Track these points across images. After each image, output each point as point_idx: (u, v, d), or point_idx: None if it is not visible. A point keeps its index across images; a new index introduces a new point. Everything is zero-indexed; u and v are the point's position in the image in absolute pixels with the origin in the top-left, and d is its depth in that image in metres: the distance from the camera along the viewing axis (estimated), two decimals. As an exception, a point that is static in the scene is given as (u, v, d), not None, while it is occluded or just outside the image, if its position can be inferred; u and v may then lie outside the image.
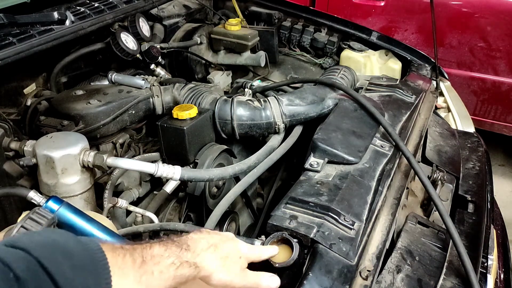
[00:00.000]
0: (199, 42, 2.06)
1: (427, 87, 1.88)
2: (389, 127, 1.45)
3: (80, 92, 1.52)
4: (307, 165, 1.36)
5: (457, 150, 1.72)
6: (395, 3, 3.29)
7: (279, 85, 1.87)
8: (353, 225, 1.15)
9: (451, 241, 1.26)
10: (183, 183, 1.43)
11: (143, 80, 1.62)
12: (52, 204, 0.92)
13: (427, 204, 1.49)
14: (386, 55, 2.12)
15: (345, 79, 1.86)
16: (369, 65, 2.10)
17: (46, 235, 0.69)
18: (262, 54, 2.04)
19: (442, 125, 1.86)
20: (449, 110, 2.01)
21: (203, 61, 2.08)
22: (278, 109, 1.54)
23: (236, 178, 1.51)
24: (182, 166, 1.30)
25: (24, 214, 0.86)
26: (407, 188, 1.40)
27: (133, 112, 1.52)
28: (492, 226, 1.42)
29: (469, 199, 1.56)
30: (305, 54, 2.23)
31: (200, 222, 1.45)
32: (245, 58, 2.06)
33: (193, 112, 1.40)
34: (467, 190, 1.59)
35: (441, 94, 2.03)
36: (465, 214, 1.50)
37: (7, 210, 1.24)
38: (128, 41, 1.69)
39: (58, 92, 1.60)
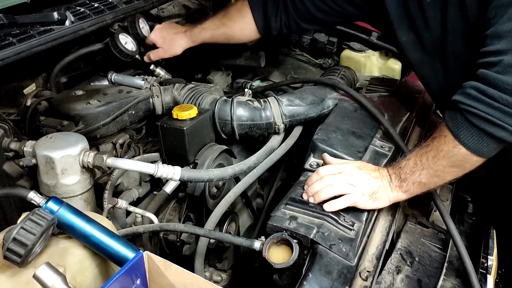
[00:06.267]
0: (199, 42, 2.06)
1: (427, 87, 1.88)
2: (390, 128, 1.45)
3: (80, 92, 1.52)
4: (307, 166, 1.36)
5: (457, 150, 1.72)
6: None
7: (279, 85, 1.87)
8: (353, 226, 1.15)
9: (451, 241, 1.26)
10: (183, 184, 1.43)
11: (143, 80, 1.61)
12: (52, 205, 0.92)
13: (427, 204, 1.49)
14: (386, 55, 2.12)
15: (345, 79, 1.86)
16: (369, 65, 2.10)
17: None
18: (262, 54, 2.04)
19: (442, 125, 1.86)
20: (449, 110, 2.00)
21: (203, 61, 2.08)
22: (278, 110, 1.54)
23: (236, 179, 1.51)
24: (182, 166, 1.30)
25: (24, 215, 0.85)
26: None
27: (133, 112, 1.52)
28: (492, 226, 1.43)
29: (469, 199, 1.56)
30: (305, 54, 2.23)
31: (200, 222, 1.45)
32: (245, 58, 2.06)
33: (193, 112, 1.40)
34: (467, 190, 1.59)
35: (441, 94, 2.03)
36: (465, 214, 1.50)
37: (7, 210, 1.23)
38: (127, 42, 1.69)
39: (58, 92, 1.60)
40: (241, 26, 1.75)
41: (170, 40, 1.79)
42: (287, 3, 1.64)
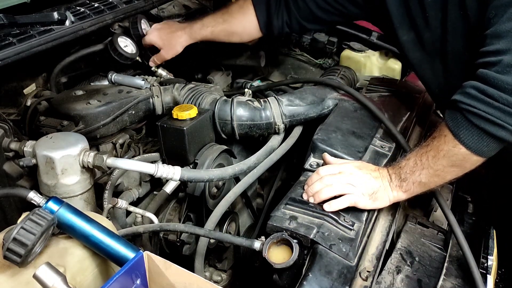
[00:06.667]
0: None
1: (427, 87, 1.88)
2: (392, 126, 1.45)
3: (80, 92, 1.52)
4: (307, 166, 1.36)
5: (457, 150, 1.72)
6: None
7: (279, 85, 1.87)
8: (353, 226, 1.15)
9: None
10: (183, 184, 1.43)
11: (143, 80, 1.61)
12: (52, 205, 0.92)
13: (427, 204, 1.49)
14: (386, 55, 2.12)
15: (345, 79, 1.86)
16: (369, 65, 2.10)
17: None
18: (262, 54, 2.04)
19: (442, 125, 1.86)
20: (449, 110, 2.00)
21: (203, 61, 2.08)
22: (278, 110, 1.54)
23: (236, 179, 1.51)
24: (182, 166, 1.30)
25: (24, 215, 0.85)
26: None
27: (133, 112, 1.52)
28: (492, 226, 1.43)
29: (469, 199, 1.56)
30: (305, 54, 2.23)
31: (200, 222, 1.45)
32: (245, 58, 2.06)
33: (193, 112, 1.40)
34: (467, 190, 1.59)
35: (441, 94, 2.03)
36: (465, 214, 1.50)
37: (7, 210, 1.24)
38: (127, 45, 1.68)
39: (58, 92, 1.60)
40: (242, 23, 1.73)
41: (169, 39, 1.77)
42: (289, 1, 1.63)
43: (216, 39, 1.79)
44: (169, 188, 1.44)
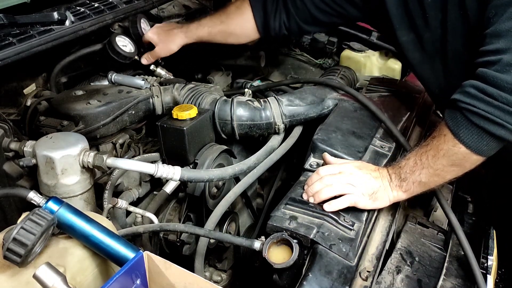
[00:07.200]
0: (199, 42, 2.06)
1: (427, 87, 1.88)
2: (392, 125, 1.45)
3: (80, 92, 1.52)
4: (307, 166, 1.36)
5: (457, 150, 1.72)
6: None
7: (279, 85, 1.87)
8: (353, 226, 1.15)
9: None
10: (183, 184, 1.43)
11: (143, 80, 1.61)
12: (52, 205, 0.92)
13: (427, 204, 1.49)
14: (386, 55, 2.12)
15: (345, 79, 1.86)
16: (369, 65, 2.10)
17: None
18: (262, 54, 2.04)
19: (442, 125, 1.86)
20: (449, 110, 2.00)
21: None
22: (278, 110, 1.54)
23: (236, 179, 1.51)
24: (182, 166, 1.30)
25: (24, 215, 0.85)
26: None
27: (133, 112, 1.52)
28: (492, 226, 1.43)
29: (469, 199, 1.56)
30: (305, 54, 2.23)
31: (200, 222, 1.45)
32: (245, 58, 2.06)
33: (193, 112, 1.40)
34: (467, 190, 1.59)
35: (441, 94, 2.03)
36: (465, 214, 1.50)
37: (7, 210, 1.24)
38: (125, 44, 1.68)
39: (58, 92, 1.60)
40: (239, 24, 1.73)
41: (165, 36, 1.77)
42: (287, 2, 1.63)
43: (213, 40, 1.78)
44: (169, 188, 1.44)
